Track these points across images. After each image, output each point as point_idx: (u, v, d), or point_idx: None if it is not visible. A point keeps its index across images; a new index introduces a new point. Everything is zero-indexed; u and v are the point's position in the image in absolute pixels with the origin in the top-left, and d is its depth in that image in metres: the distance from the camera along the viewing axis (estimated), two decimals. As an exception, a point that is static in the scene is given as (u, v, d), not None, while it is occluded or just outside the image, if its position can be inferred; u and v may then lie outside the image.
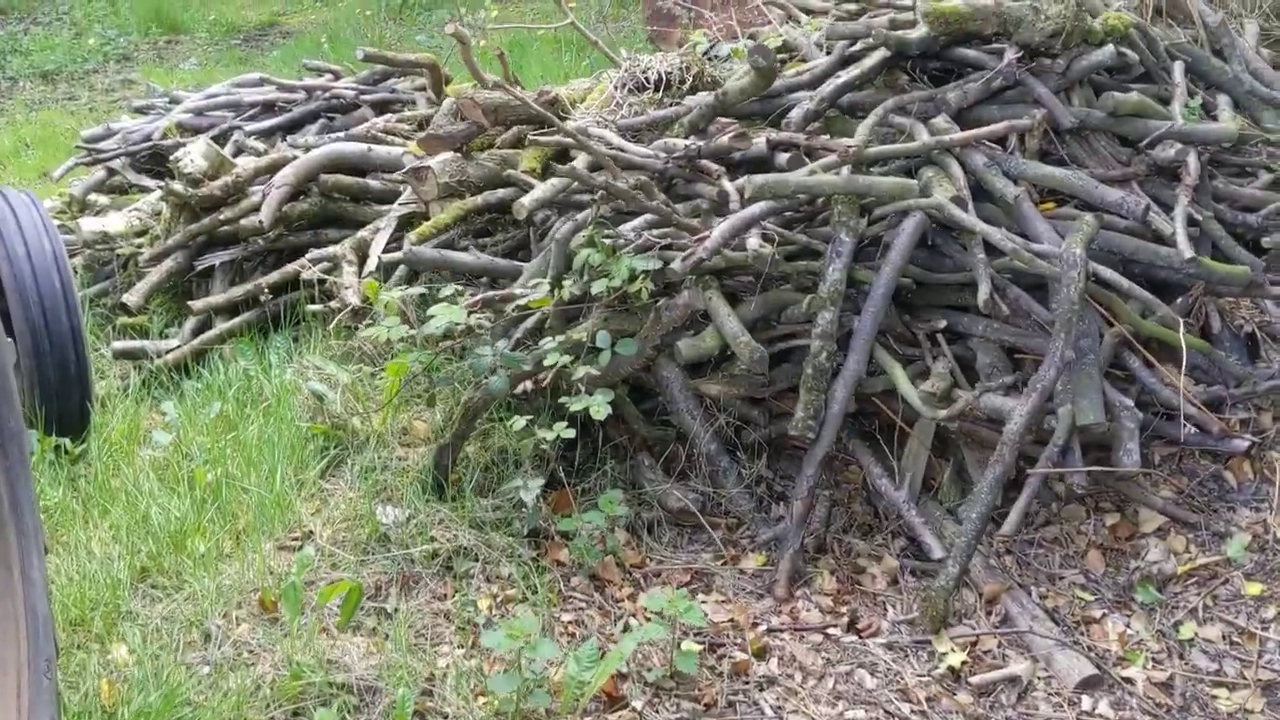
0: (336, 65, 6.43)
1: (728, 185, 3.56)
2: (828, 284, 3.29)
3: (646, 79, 4.09)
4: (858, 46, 3.92)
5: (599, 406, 3.06)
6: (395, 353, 3.52)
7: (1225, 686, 2.78)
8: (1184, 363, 3.18)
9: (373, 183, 4.71)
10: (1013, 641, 2.94)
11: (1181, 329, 3.21)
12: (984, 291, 3.19)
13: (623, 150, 3.74)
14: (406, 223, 4.27)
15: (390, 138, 4.98)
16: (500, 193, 4.05)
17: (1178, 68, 3.98)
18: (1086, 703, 2.75)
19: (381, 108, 5.66)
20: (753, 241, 3.20)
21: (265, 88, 6.06)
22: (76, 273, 4.41)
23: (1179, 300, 3.52)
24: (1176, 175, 3.69)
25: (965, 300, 3.48)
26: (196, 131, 5.55)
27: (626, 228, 3.56)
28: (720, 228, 3.21)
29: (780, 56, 4.47)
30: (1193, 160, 3.54)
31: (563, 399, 3.20)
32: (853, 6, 4.48)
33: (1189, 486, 3.30)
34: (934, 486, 3.42)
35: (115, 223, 4.82)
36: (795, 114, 3.74)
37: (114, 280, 4.67)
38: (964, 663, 2.87)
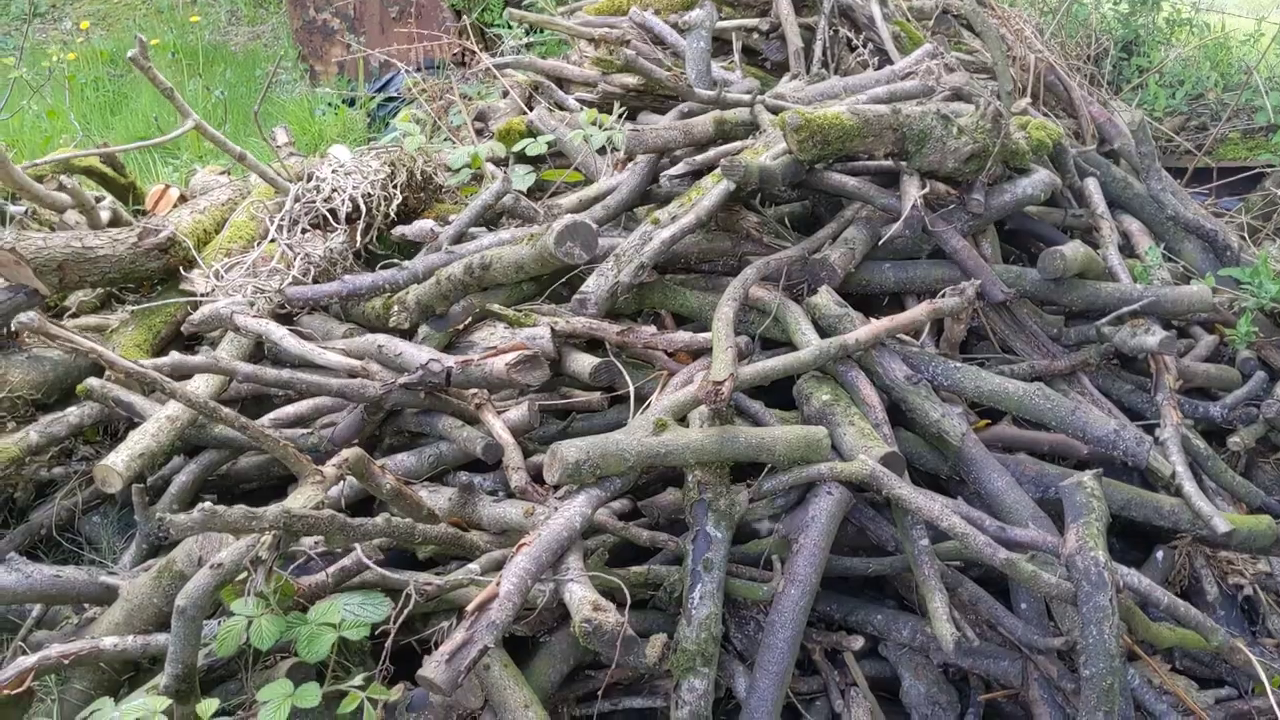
0: None
1: (501, 431, 2.04)
2: (693, 625, 1.88)
3: (331, 210, 2.44)
4: (679, 170, 2.49)
5: None
6: None
7: None
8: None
9: None
10: None
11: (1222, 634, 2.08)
12: (943, 617, 1.91)
13: (302, 360, 2.12)
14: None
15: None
16: (73, 416, 2.28)
17: (1093, 187, 2.87)
18: None
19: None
20: (579, 590, 1.70)
21: None
22: None
23: (1158, 555, 2.43)
24: (1124, 356, 2.59)
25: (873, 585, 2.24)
26: None
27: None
28: (515, 568, 1.68)
29: (520, 147, 2.97)
30: (1173, 359, 2.42)
31: None
32: (631, 80, 3.03)
33: None
34: None
35: None
36: (594, 286, 2.26)
37: None
38: None
